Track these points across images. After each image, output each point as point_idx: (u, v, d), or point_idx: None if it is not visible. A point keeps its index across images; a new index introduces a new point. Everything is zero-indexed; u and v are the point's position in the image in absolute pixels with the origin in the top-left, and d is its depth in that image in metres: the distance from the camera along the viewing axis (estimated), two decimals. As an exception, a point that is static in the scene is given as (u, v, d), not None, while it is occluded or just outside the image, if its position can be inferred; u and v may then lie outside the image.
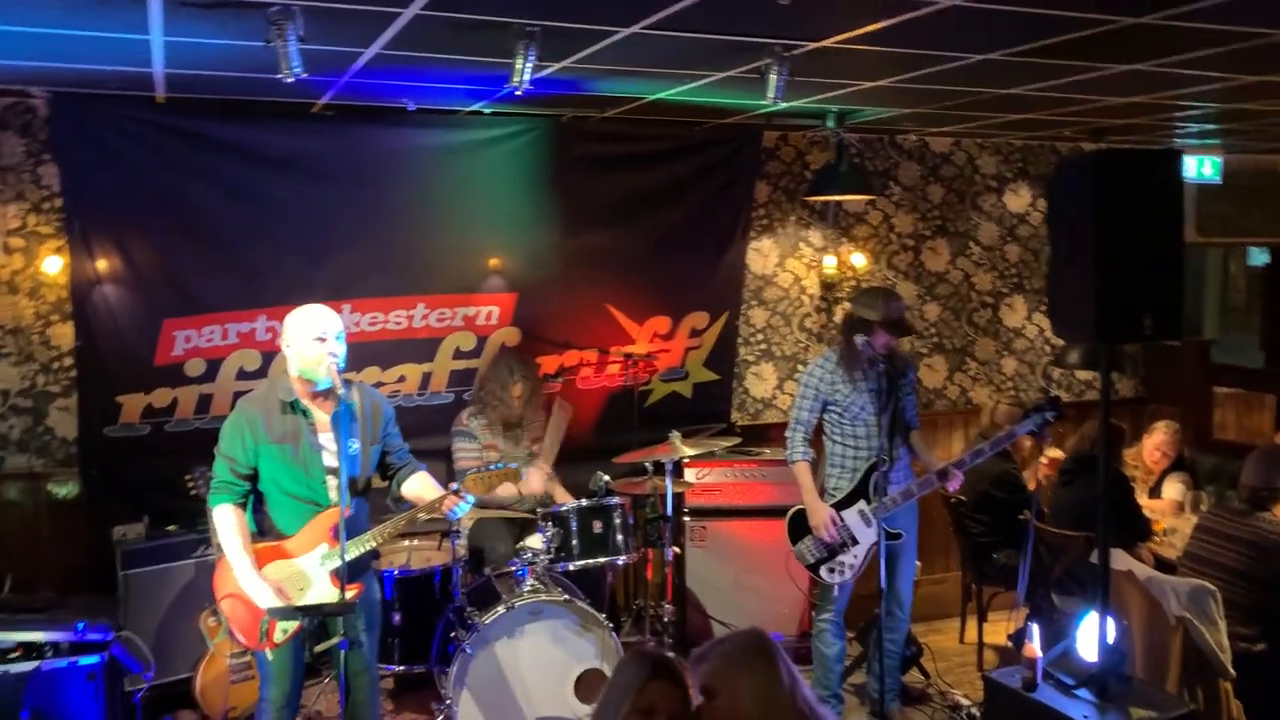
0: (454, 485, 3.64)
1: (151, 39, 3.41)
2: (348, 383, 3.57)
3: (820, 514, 4.46)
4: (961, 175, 6.31)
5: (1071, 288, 3.47)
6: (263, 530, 3.65)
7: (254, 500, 3.67)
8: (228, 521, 3.58)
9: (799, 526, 4.56)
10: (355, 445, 3.56)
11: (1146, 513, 5.20)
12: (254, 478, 3.63)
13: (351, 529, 3.53)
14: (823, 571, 4.52)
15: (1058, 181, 3.68)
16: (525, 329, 5.39)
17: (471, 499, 3.64)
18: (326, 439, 3.59)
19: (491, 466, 3.78)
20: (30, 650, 3.94)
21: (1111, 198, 3.34)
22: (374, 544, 3.62)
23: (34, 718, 3.85)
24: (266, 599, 3.49)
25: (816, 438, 4.63)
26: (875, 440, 4.41)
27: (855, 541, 4.47)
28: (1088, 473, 5.00)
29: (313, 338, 3.53)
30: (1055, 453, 5.60)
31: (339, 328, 3.58)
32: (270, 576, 3.56)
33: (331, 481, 3.58)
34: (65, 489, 4.80)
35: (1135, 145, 6.39)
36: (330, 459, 3.58)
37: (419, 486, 3.78)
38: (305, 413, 3.60)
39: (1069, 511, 4.99)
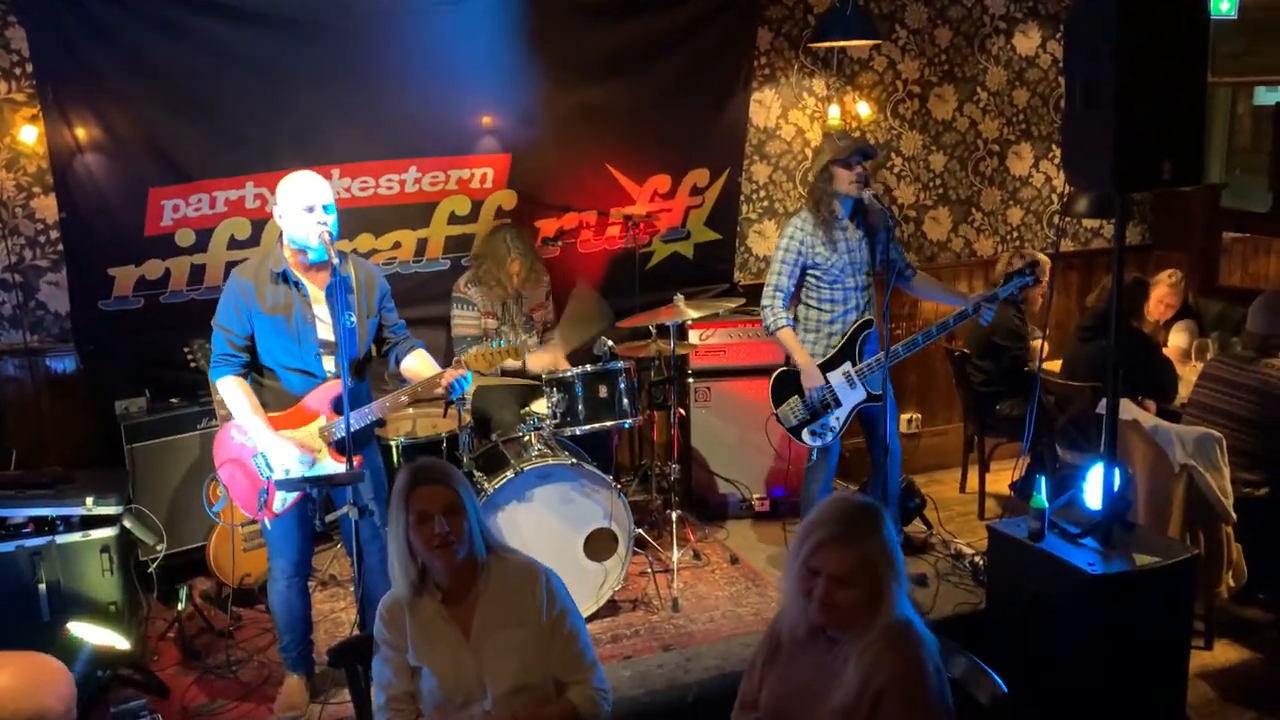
0: (456, 359, 3.59)
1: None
2: (342, 254, 3.46)
3: (815, 375, 4.42)
4: (969, 16, 6.04)
5: (1088, 133, 3.34)
6: (264, 404, 3.60)
7: (255, 375, 3.64)
8: (231, 389, 3.56)
9: (782, 389, 4.51)
10: (352, 318, 3.49)
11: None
12: (252, 349, 3.59)
13: (351, 402, 3.48)
14: (805, 435, 4.51)
15: (1075, 20, 3.49)
16: (521, 191, 5.22)
17: (470, 376, 3.58)
18: (321, 311, 3.53)
19: (494, 344, 3.67)
20: (41, 525, 3.96)
21: (1133, 37, 3.19)
22: (374, 417, 3.60)
23: (51, 591, 3.90)
24: (287, 454, 3.52)
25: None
26: (854, 302, 4.38)
27: (839, 403, 4.46)
28: (1107, 331, 4.94)
29: (301, 207, 3.42)
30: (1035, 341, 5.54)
31: (327, 198, 3.45)
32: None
33: (327, 354, 3.54)
34: (63, 364, 4.76)
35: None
36: (325, 331, 3.53)
37: (416, 364, 3.72)
38: (298, 284, 3.52)
39: (1084, 366, 4.94)
